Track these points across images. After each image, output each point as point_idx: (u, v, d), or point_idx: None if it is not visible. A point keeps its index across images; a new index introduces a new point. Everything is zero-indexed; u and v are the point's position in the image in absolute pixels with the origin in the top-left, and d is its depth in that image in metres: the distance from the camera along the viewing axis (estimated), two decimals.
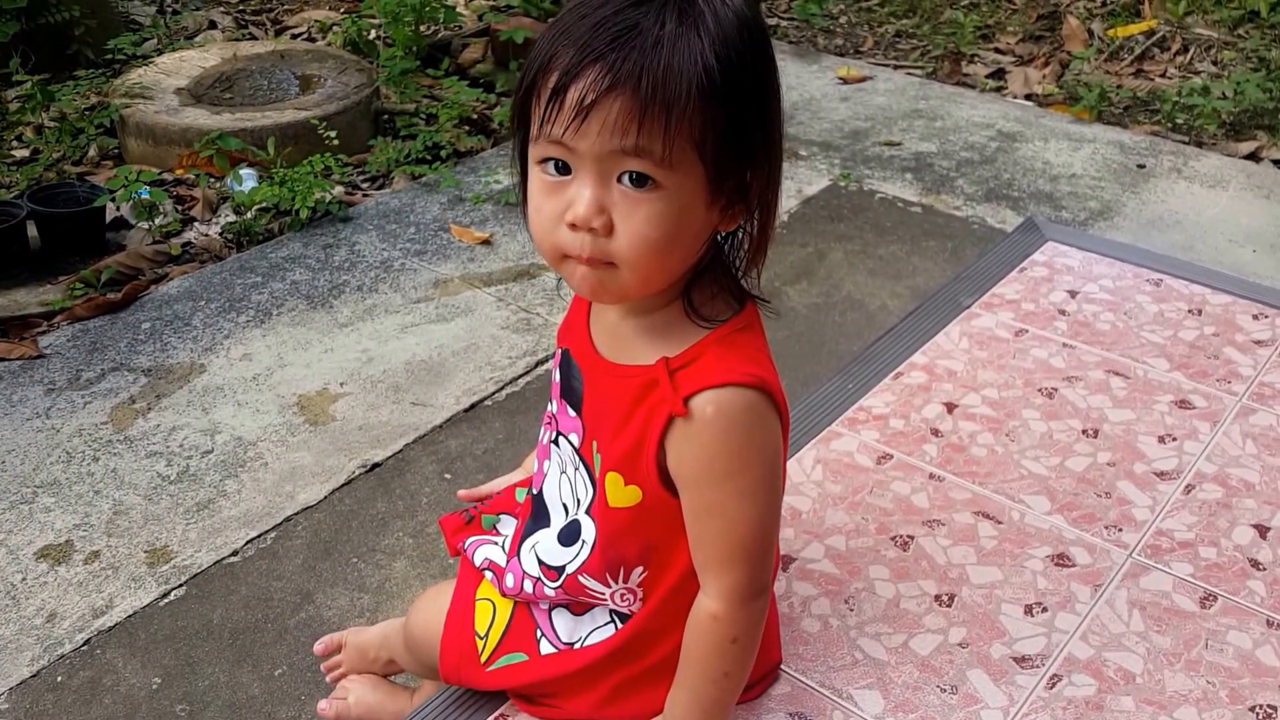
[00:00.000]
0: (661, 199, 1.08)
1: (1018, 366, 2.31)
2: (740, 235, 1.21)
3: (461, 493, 1.62)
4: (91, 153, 3.49)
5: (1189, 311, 2.52)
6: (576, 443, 1.31)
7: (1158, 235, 3.03)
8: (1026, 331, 2.42)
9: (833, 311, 2.72)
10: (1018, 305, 2.53)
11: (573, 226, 1.10)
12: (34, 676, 1.87)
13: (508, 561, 1.43)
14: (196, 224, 3.21)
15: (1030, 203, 3.23)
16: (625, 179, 1.08)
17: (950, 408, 2.20)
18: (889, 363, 2.35)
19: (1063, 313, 2.50)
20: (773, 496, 1.26)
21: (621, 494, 1.26)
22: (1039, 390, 2.24)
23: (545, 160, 1.11)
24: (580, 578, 1.34)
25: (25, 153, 3.48)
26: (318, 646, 1.69)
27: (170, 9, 4.41)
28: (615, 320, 1.27)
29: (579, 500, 1.33)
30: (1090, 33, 4.45)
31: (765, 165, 1.14)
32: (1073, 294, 2.56)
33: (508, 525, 1.52)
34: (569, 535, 1.34)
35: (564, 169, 1.10)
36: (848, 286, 2.83)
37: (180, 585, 2.04)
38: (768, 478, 1.23)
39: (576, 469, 1.32)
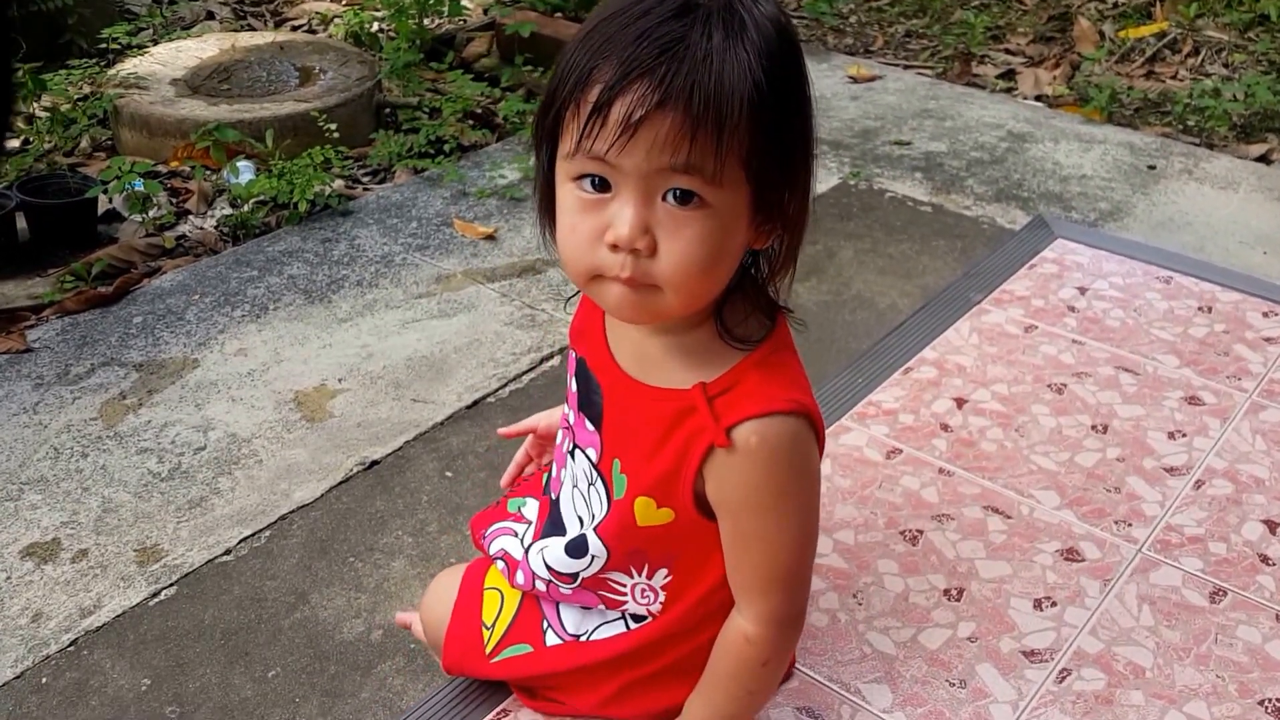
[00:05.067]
0: (708, 217, 1.04)
1: (1027, 362, 2.31)
2: (768, 250, 1.18)
3: (502, 430, 1.60)
4: (84, 144, 3.43)
5: (1199, 309, 2.52)
6: (594, 458, 1.28)
7: (1168, 236, 2.99)
8: (1036, 327, 2.42)
9: (842, 309, 2.66)
10: (1027, 301, 2.52)
11: (614, 247, 1.05)
12: (18, 678, 1.81)
13: (522, 557, 1.40)
14: (191, 217, 3.14)
15: (1040, 203, 3.18)
16: (670, 196, 1.03)
17: (960, 403, 2.19)
18: (899, 358, 2.34)
19: (1072, 309, 2.50)
20: (813, 523, 1.24)
21: (653, 515, 1.24)
22: (1049, 386, 2.24)
23: (582, 176, 1.06)
24: (601, 575, 1.32)
25: (15, 143, 3.41)
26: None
27: None
28: (640, 337, 1.22)
29: (593, 515, 1.30)
30: (1101, 34, 4.40)
31: (803, 181, 1.11)
32: (1082, 290, 2.56)
33: (533, 510, 1.48)
34: (576, 549, 1.32)
35: (602, 186, 1.05)
36: (857, 284, 2.77)
37: (171, 585, 1.97)
38: (810, 505, 1.22)
39: (591, 484, 1.30)
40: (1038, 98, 3.98)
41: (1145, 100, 3.93)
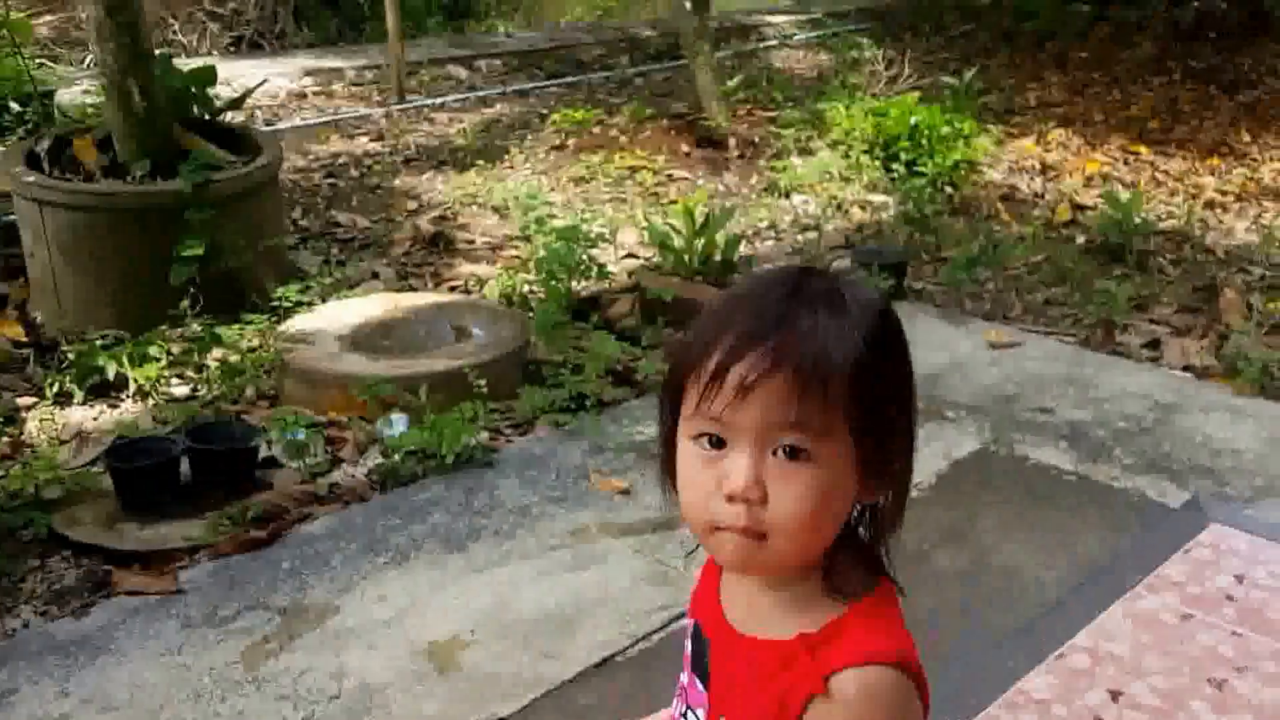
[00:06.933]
0: (816, 470, 1.13)
1: (1184, 653, 2.20)
2: (877, 508, 1.23)
3: None
4: (249, 392, 3.61)
5: None
6: (703, 717, 1.28)
7: None
8: (1193, 616, 2.32)
9: (983, 581, 2.60)
10: (1183, 588, 2.43)
11: (729, 498, 1.13)
12: None
13: None
14: (344, 464, 3.26)
15: (1192, 476, 3.09)
16: (780, 452, 1.13)
17: (1115, 695, 2.09)
18: (1050, 642, 2.26)
19: (1230, 598, 2.39)
20: None
21: None
22: (1208, 680, 2.13)
23: (701, 435, 1.16)
24: None
25: (185, 390, 3.61)
26: None
27: (336, 260, 4.63)
28: (751, 592, 1.26)
29: None
30: (1249, 305, 4.36)
31: (905, 442, 1.20)
32: (1240, 579, 2.46)
33: None
34: None
35: (718, 443, 1.15)
36: (998, 555, 2.71)
37: None
38: None
39: None
40: (1185, 368, 3.92)
41: None
